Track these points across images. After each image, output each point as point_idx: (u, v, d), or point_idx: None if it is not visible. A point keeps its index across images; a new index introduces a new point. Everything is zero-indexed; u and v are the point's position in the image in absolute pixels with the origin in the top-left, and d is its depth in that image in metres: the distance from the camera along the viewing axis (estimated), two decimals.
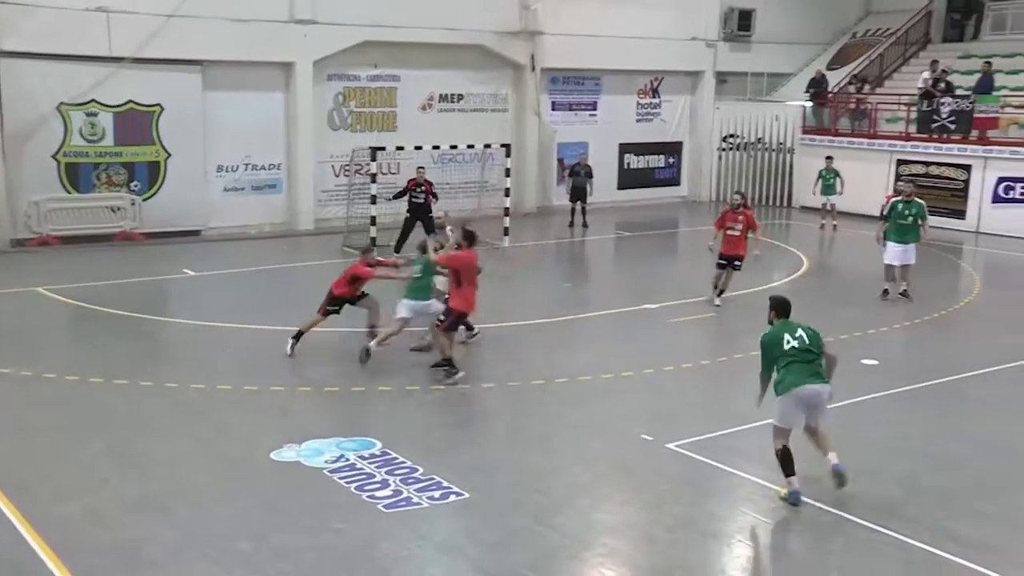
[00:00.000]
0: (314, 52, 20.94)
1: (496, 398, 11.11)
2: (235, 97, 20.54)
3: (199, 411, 10.40)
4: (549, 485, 8.59)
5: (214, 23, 19.58)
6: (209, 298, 15.69)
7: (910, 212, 15.41)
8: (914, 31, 27.80)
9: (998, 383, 11.69)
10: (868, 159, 24.22)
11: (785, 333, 8.49)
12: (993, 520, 8.03)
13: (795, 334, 8.47)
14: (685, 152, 27.80)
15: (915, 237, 15.41)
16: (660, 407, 10.75)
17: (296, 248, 20.17)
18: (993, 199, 22.47)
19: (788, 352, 8.38)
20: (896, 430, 10.02)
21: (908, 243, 15.41)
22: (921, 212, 15.48)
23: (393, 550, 7.40)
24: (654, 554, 7.49)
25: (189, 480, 8.59)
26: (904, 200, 15.61)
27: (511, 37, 23.46)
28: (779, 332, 8.53)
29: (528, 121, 24.26)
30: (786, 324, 8.64)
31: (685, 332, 13.82)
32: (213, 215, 20.73)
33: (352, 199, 20.63)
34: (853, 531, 7.76)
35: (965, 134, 22.96)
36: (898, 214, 15.49)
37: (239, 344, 12.97)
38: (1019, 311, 15.63)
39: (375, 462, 8.98)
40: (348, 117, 22.11)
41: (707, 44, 26.94)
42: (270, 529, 7.68)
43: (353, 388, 11.14)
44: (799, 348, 8.39)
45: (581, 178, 22.82)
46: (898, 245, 15.42)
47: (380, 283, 12.46)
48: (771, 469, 8.89)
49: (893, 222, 15.51)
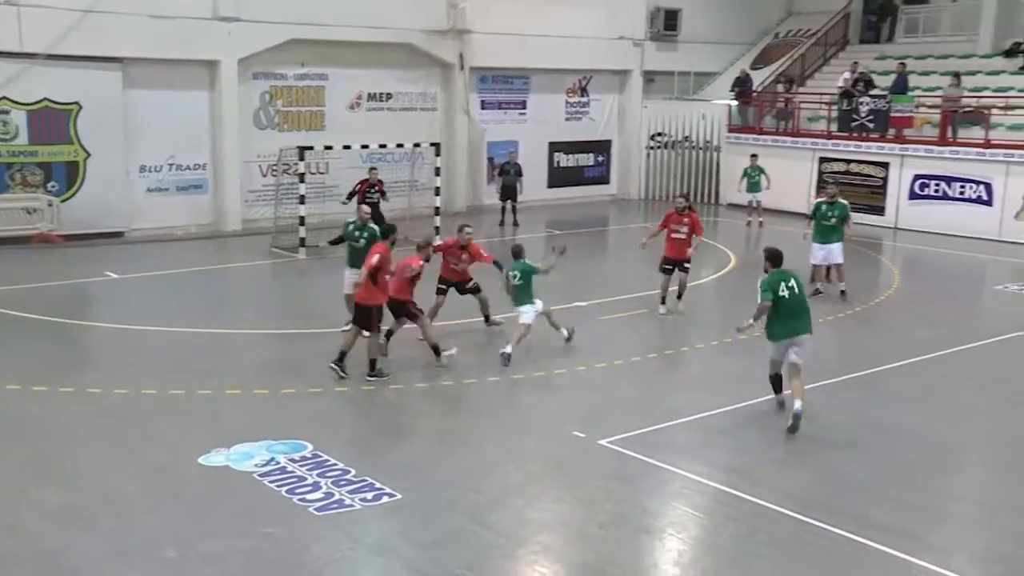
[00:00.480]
0: (239, 50, 20.61)
1: (429, 398, 11.07)
2: (158, 96, 20.10)
3: (123, 417, 10.15)
4: (483, 484, 8.59)
5: (134, 19, 19.14)
6: (133, 301, 15.31)
7: (833, 213, 15.48)
8: (833, 32, 28.51)
9: (916, 375, 12.05)
10: (792, 157, 24.74)
11: (781, 281, 9.98)
12: (913, 507, 8.27)
13: (788, 283, 10.00)
14: (614, 150, 28.06)
15: (839, 238, 15.48)
16: (592, 404, 10.83)
17: (223, 249, 19.84)
18: (910, 196, 23.15)
19: (782, 298, 9.90)
20: (820, 422, 10.24)
21: (831, 243, 15.46)
22: (844, 213, 15.54)
23: (325, 553, 7.33)
24: (587, 551, 7.54)
25: (113, 488, 8.38)
26: (828, 201, 15.69)
27: (439, 36, 23.41)
28: (776, 279, 10.01)
29: (457, 120, 24.24)
30: (781, 273, 10.12)
31: (617, 329, 13.94)
32: (136, 216, 20.26)
33: (280, 199, 20.35)
34: (780, 522, 7.92)
35: (882, 133, 23.62)
36: (822, 215, 15.58)
37: (165, 348, 12.70)
38: (935, 305, 16.14)
39: (306, 465, 8.88)
40: (275, 116, 21.80)
41: (634, 43, 27.23)
42: (198, 536, 7.53)
43: (283, 391, 10.99)
44: (790, 297, 9.91)
45: (511, 177, 22.89)
46: (822, 246, 15.52)
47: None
48: (702, 463, 9.05)
49: (817, 223, 15.59)
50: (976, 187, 22.05)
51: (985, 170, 21.84)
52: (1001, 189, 21.60)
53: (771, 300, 9.88)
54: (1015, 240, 21.12)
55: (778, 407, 10.39)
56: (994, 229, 21.54)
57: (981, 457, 9.76)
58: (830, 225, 15.49)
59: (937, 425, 10.32)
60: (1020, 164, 21.30)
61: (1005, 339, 13.64)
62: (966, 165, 22.14)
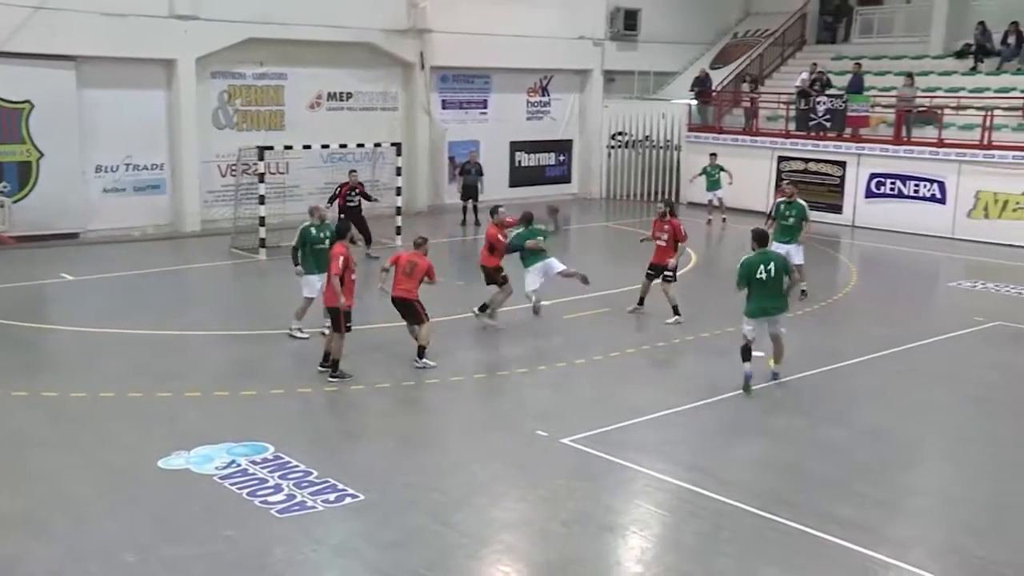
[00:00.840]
0: (196, 49, 20.37)
1: (391, 398, 11.02)
2: (113, 95, 19.81)
3: (80, 420, 9.99)
4: (445, 484, 8.58)
5: (87, 17, 18.84)
6: (90, 303, 15.08)
7: (791, 213, 15.40)
8: (791, 32, 28.83)
9: (873, 371, 12.22)
10: (751, 155, 24.98)
11: (761, 263, 10.86)
12: (872, 502, 8.39)
13: (768, 266, 10.88)
14: (575, 150, 28.14)
15: (797, 239, 15.38)
16: (555, 403, 10.85)
17: (182, 250, 19.60)
18: (866, 194, 23.48)
19: (759, 280, 10.85)
20: (781, 419, 10.36)
21: (790, 244, 15.24)
22: (802, 213, 15.43)
23: (287, 555, 7.27)
24: (550, 549, 7.55)
25: (70, 493, 8.25)
26: (786, 201, 15.61)
27: (400, 35, 23.32)
28: (756, 261, 10.89)
29: (418, 120, 24.16)
30: (763, 254, 11.02)
31: (579, 328, 13.98)
32: (92, 217, 19.95)
33: (240, 200, 20.14)
34: (742, 518, 7.99)
35: (839, 132, 23.93)
36: (780, 215, 15.53)
37: (123, 350, 12.52)
38: (891, 302, 16.38)
39: (267, 467, 8.80)
40: (234, 116, 21.59)
41: (594, 43, 27.33)
42: (158, 540, 7.44)
43: (243, 392, 10.89)
44: (766, 280, 10.84)
45: (472, 176, 22.86)
46: (781, 246, 14.86)
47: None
48: (664, 461, 9.11)
49: (777, 223, 15.48)
50: (930, 185, 22.42)
51: (938, 169, 22.21)
52: (954, 188, 21.99)
53: (745, 286, 10.96)
54: (968, 238, 21.52)
55: (744, 382, 10.94)
56: (947, 227, 21.93)
57: (937, 451, 9.93)
58: (788, 225, 15.43)
59: (894, 420, 10.47)
60: (972, 163, 21.70)
61: (958, 335, 13.89)
62: (920, 164, 22.51)
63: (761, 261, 10.91)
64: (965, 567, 7.28)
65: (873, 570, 7.25)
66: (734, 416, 10.50)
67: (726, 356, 12.70)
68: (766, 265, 10.87)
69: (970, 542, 7.70)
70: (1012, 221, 21.17)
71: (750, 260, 10.94)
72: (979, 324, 14.44)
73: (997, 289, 17.06)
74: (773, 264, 10.93)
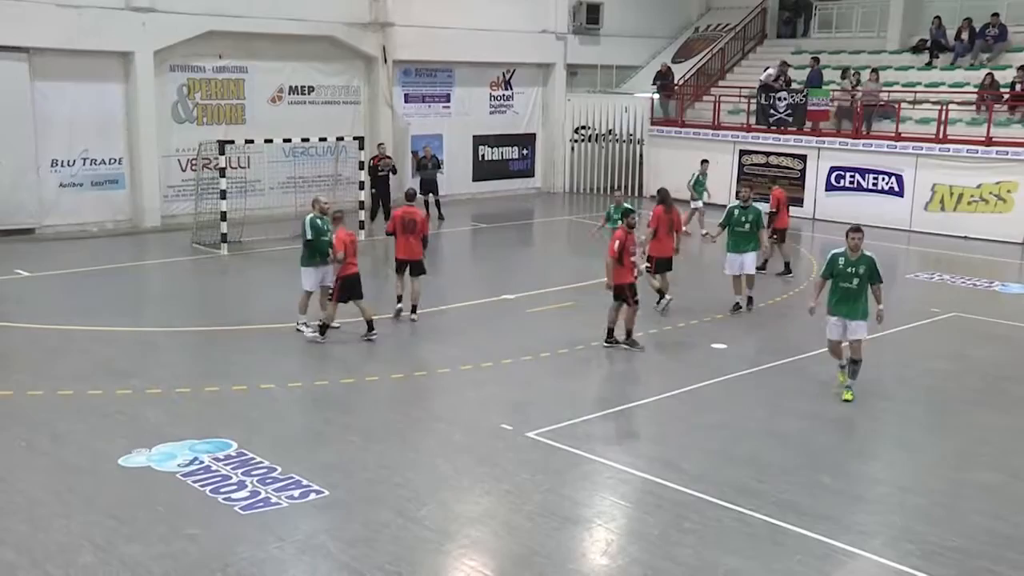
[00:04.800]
0: (154, 42, 20.10)
1: (355, 393, 10.99)
2: (68, 88, 19.52)
3: (37, 420, 9.83)
4: (410, 479, 8.57)
5: (39, 7, 18.55)
6: (46, 300, 14.85)
7: (747, 219, 14.31)
8: (751, 27, 29.09)
9: (831, 362, 12.35)
10: (713, 149, 25.15)
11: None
12: (831, 491, 8.51)
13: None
14: (538, 144, 28.18)
15: (755, 246, 14.44)
16: (519, 397, 10.87)
17: (142, 246, 19.36)
18: (826, 187, 23.77)
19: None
20: (742, 411, 10.48)
21: (746, 252, 14.34)
22: (758, 219, 14.40)
23: (251, 553, 7.22)
24: (516, 543, 7.58)
25: (25, 494, 8.12)
26: (741, 205, 14.48)
27: (361, 29, 23.19)
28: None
29: (381, 113, 24.05)
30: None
31: (544, 322, 14.02)
32: (48, 212, 19.65)
33: (201, 194, 19.94)
34: (705, 509, 8.08)
35: (800, 126, 24.18)
36: (735, 221, 14.39)
37: (81, 348, 12.35)
38: None
39: (231, 463, 8.74)
40: (194, 110, 21.35)
41: (557, 37, 27.37)
42: (118, 539, 7.36)
43: (206, 388, 10.80)
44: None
45: (429, 171, 22.75)
46: (737, 256, 14.38)
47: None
48: (628, 454, 9.18)
49: (731, 230, 14.45)
50: (888, 179, 22.76)
51: (896, 162, 22.56)
52: (911, 181, 22.34)
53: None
54: (925, 230, 21.88)
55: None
56: (905, 219, 22.29)
57: (893, 441, 10.08)
58: (744, 232, 14.33)
59: (852, 411, 10.63)
60: (929, 156, 22.05)
61: (915, 326, 14.12)
62: (878, 157, 22.85)
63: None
64: (921, 553, 7.42)
65: (833, 558, 7.37)
66: (696, 409, 10.60)
67: (688, 350, 12.82)
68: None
69: (926, 529, 7.84)
70: (967, 214, 21.57)
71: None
72: (935, 316, 14.69)
73: (953, 281, 17.36)
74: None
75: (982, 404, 10.98)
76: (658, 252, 14.35)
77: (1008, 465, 9.20)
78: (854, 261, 10.54)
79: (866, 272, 10.51)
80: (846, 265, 10.57)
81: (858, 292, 10.56)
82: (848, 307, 10.61)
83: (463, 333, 13.42)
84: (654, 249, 14.36)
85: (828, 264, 10.73)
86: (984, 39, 24.39)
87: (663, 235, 14.23)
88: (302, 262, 12.80)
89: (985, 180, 21.28)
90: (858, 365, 10.76)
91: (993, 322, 14.47)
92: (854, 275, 10.53)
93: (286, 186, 21.98)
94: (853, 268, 10.54)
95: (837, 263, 10.63)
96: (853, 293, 10.57)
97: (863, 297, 10.59)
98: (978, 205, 21.45)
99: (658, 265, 14.38)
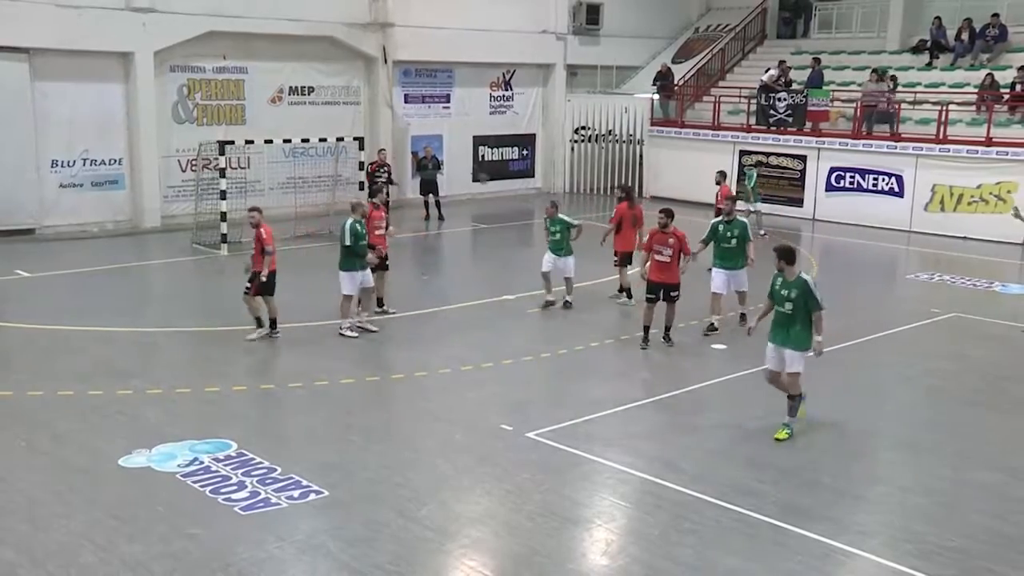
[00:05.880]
0: (155, 42, 20.11)
1: (356, 393, 10.99)
2: (69, 88, 19.53)
3: (37, 420, 9.84)
4: (411, 479, 8.57)
5: (40, 8, 18.56)
6: (47, 300, 14.85)
7: (732, 234, 13.27)
8: (751, 27, 29.09)
9: (832, 363, 12.33)
10: (713, 150, 25.17)
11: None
12: (830, 491, 8.51)
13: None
14: (538, 144, 28.19)
15: (743, 263, 13.37)
16: (519, 397, 10.88)
17: (142, 246, 19.36)
18: (826, 188, 23.77)
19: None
20: (743, 411, 10.47)
21: (736, 269, 13.34)
22: (744, 233, 13.32)
23: (251, 553, 7.22)
24: (516, 543, 7.58)
25: (26, 494, 8.12)
26: (725, 220, 13.44)
27: (361, 29, 23.20)
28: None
29: (381, 114, 24.06)
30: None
31: (544, 322, 14.02)
32: (48, 213, 19.66)
33: (201, 195, 19.94)
34: (705, 510, 8.08)
35: (800, 126, 24.17)
36: (720, 237, 13.36)
37: (82, 348, 12.36)
38: (850, 295, 16.56)
39: (231, 464, 8.74)
40: (194, 110, 21.36)
41: (557, 37, 27.38)
42: (119, 539, 7.36)
43: (206, 389, 10.80)
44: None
45: (429, 171, 22.78)
46: (725, 272, 13.36)
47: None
48: (628, 454, 9.18)
49: (717, 246, 13.46)
50: (888, 179, 22.76)
51: (896, 162, 22.55)
52: (911, 181, 22.34)
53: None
54: (925, 231, 21.88)
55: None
56: (905, 220, 22.29)
57: (893, 442, 10.08)
58: (731, 248, 13.31)
59: (852, 411, 10.63)
60: (929, 157, 22.05)
61: (915, 327, 14.12)
62: (878, 158, 22.85)
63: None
64: (920, 553, 7.41)
65: (833, 558, 7.37)
66: (696, 409, 10.61)
67: (688, 349, 12.82)
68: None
69: (925, 529, 7.84)
70: (967, 214, 21.56)
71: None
72: (935, 316, 14.69)
73: (953, 281, 17.35)
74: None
75: (982, 404, 10.98)
76: (622, 247, 14.85)
77: (1008, 465, 9.20)
78: (789, 283, 9.58)
79: (799, 297, 9.46)
80: (781, 287, 9.65)
81: (792, 318, 9.51)
82: (783, 334, 9.63)
83: (463, 333, 13.42)
84: (618, 244, 14.85)
85: (771, 283, 9.86)
86: (984, 39, 24.39)
87: (627, 229, 14.72)
88: (341, 266, 12.79)
89: (985, 180, 21.27)
90: (795, 401, 9.69)
91: (993, 322, 14.47)
92: (787, 299, 9.55)
93: (286, 187, 21.99)
94: (787, 291, 9.56)
95: (775, 283, 9.75)
96: (788, 319, 9.56)
97: (799, 324, 9.53)
98: (978, 205, 21.44)
99: (623, 259, 14.84)
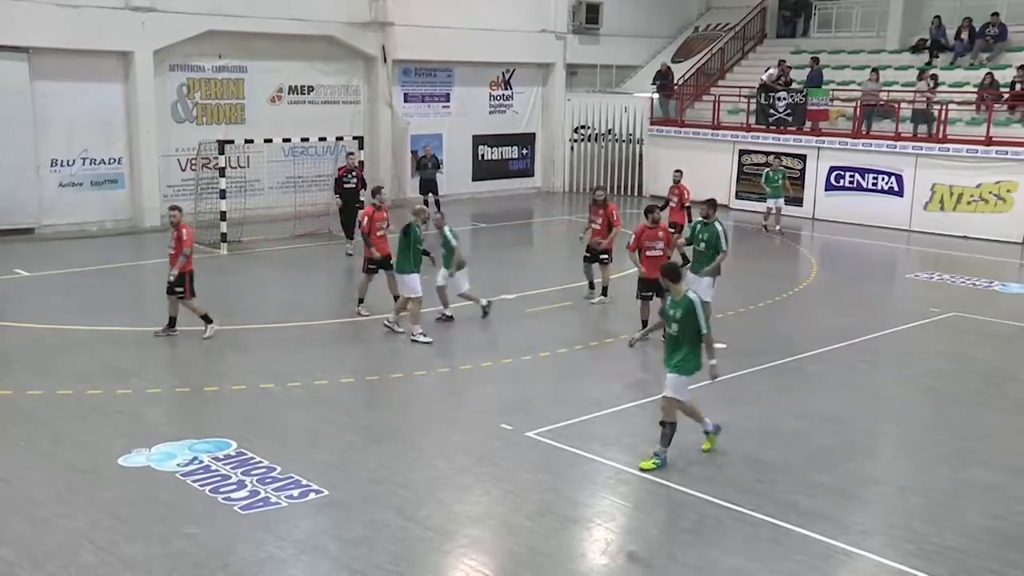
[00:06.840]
0: (154, 41, 20.11)
1: (355, 393, 10.99)
2: (68, 87, 19.51)
3: (37, 420, 9.84)
4: (410, 478, 8.57)
5: (39, 7, 18.55)
6: (46, 299, 14.84)
7: (703, 238, 12.61)
8: (751, 26, 29.09)
9: (832, 362, 12.39)
10: (712, 149, 25.18)
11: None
12: (830, 491, 8.51)
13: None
14: (538, 143, 28.18)
15: (703, 270, 12.60)
16: (519, 396, 10.87)
17: (141, 245, 19.34)
18: (826, 187, 23.77)
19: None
20: (742, 409, 10.47)
21: (703, 277, 12.53)
22: (713, 239, 12.46)
23: (251, 553, 7.22)
24: (516, 542, 7.58)
25: (25, 494, 8.12)
26: (702, 222, 12.82)
27: (361, 28, 23.19)
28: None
29: (381, 113, 24.06)
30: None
31: (543, 322, 14.02)
32: (48, 212, 19.65)
33: (200, 194, 19.94)
34: (704, 508, 8.08)
35: (799, 126, 24.17)
36: (694, 238, 12.83)
37: (81, 347, 12.35)
38: (850, 294, 16.61)
39: (230, 463, 8.74)
40: (193, 109, 21.35)
41: (557, 36, 27.38)
42: (118, 539, 7.36)
43: (206, 388, 10.80)
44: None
45: (429, 171, 22.69)
46: (689, 274, 12.22)
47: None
48: (627, 453, 9.17)
49: (694, 248, 12.94)
50: (888, 178, 22.76)
51: (896, 162, 22.55)
52: (911, 180, 22.34)
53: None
54: (925, 230, 21.88)
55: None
56: (905, 219, 22.30)
57: (893, 441, 10.09)
58: (700, 251, 12.68)
59: (852, 410, 10.63)
60: (928, 156, 22.05)
61: (915, 326, 14.12)
62: (878, 157, 22.85)
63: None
64: (920, 553, 7.41)
65: (833, 558, 7.37)
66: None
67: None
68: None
69: (925, 528, 7.84)
70: (966, 213, 21.57)
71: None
72: (934, 315, 14.69)
73: (952, 281, 17.36)
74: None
75: (982, 404, 10.98)
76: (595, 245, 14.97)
77: (1008, 465, 9.20)
78: (676, 303, 8.81)
79: (684, 318, 8.67)
80: (669, 306, 8.94)
81: (679, 340, 8.75)
82: (668, 356, 8.86)
83: (463, 333, 13.41)
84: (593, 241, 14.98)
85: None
86: (984, 39, 24.40)
87: (604, 228, 14.86)
88: (410, 269, 12.79)
89: (985, 180, 21.27)
90: (666, 428, 8.81)
91: (993, 322, 14.47)
92: (673, 319, 8.78)
93: (285, 186, 22.00)
94: (674, 311, 8.79)
95: (667, 301, 9.15)
96: (674, 341, 8.78)
97: (685, 347, 8.72)
98: (978, 205, 21.45)
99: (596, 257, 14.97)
